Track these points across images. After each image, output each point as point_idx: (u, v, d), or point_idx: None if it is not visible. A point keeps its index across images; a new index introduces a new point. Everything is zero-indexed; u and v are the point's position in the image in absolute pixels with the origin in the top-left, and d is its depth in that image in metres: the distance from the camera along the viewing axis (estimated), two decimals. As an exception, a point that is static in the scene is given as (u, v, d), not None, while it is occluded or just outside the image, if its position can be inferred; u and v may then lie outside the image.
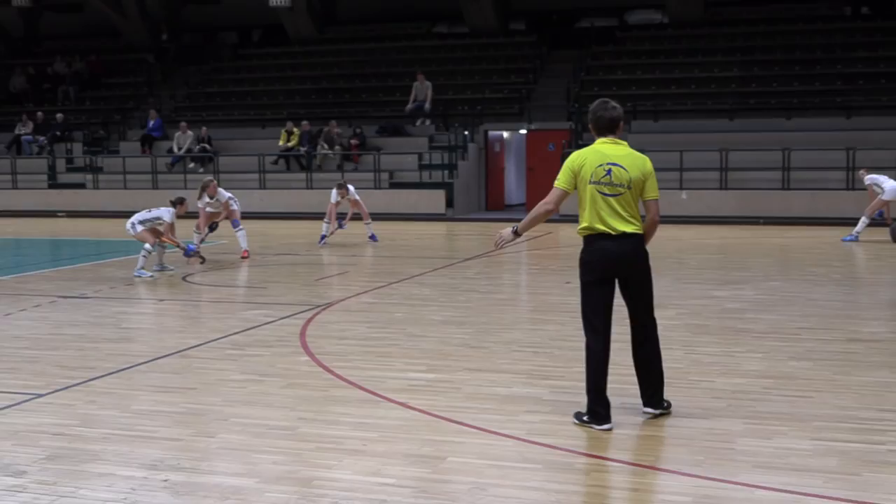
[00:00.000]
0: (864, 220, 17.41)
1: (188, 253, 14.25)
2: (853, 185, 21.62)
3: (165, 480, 5.25)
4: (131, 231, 13.73)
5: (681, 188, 22.20)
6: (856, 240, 17.05)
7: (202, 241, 15.03)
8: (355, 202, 18.03)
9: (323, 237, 17.64)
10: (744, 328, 9.38)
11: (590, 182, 6.02)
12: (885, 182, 17.33)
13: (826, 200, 21.80)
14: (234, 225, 15.28)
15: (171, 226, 13.82)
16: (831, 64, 26.33)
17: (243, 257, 15.20)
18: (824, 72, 26.09)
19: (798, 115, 24.77)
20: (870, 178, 17.77)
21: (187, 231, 15.10)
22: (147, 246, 13.57)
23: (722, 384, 7.20)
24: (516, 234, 6.33)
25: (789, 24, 28.12)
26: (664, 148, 22.13)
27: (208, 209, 15.26)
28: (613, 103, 6.23)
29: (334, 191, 17.87)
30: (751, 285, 12.31)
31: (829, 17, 28.70)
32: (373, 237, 18.03)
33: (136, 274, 13.35)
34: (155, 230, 13.73)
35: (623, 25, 31.48)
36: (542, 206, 6.19)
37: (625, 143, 6.19)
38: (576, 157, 6.15)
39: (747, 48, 27.53)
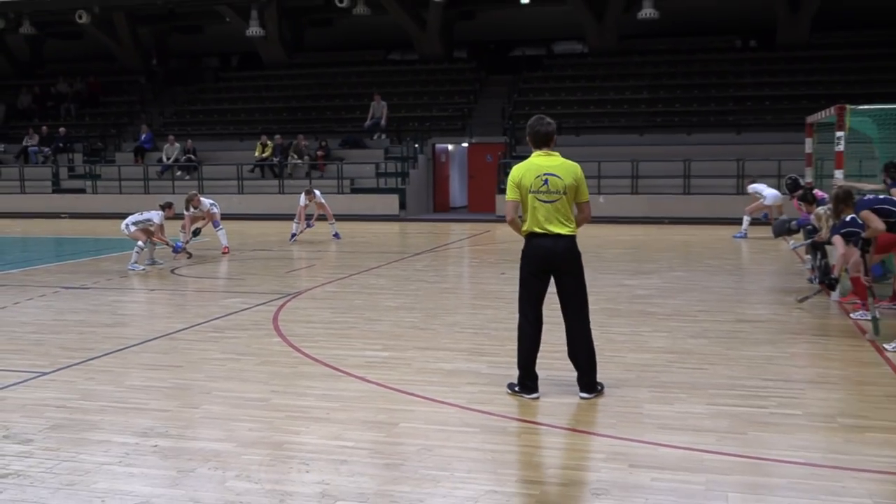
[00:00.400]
0: (746, 219, 17.67)
1: (176, 250, 14.13)
2: (742, 190, 21.95)
3: (155, 446, 5.19)
4: (125, 231, 13.58)
5: (599, 193, 22.34)
6: (744, 237, 17.31)
7: (187, 241, 14.87)
8: (321, 205, 17.90)
9: (293, 235, 17.50)
10: (651, 311, 9.48)
11: (530, 192, 6.01)
12: (766, 190, 17.68)
13: (720, 204, 22.07)
14: (215, 225, 15.22)
15: (161, 227, 13.68)
16: (724, 88, 26.67)
17: (223, 253, 15.12)
18: (719, 94, 26.43)
19: (697, 131, 25.07)
20: (752, 187, 18.13)
21: (175, 231, 14.91)
22: (139, 244, 13.45)
23: (631, 359, 7.27)
24: None
25: (690, 55, 28.42)
26: (584, 159, 22.04)
27: (194, 214, 15.20)
28: (548, 119, 6.20)
29: (303, 195, 17.73)
30: (657, 275, 12.44)
31: (722, 49, 29.05)
32: (336, 235, 17.92)
33: (129, 268, 13.19)
34: (146, 230, 13.57)
35: (550, 54, 31.58)
36: (509, 224, 6.21)
37: (557, 153, 6.14)
38: (516, 172, 6.12)
39: (655, 74, 27.79)
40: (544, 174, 6.01)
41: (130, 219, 13.62)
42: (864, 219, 8.24)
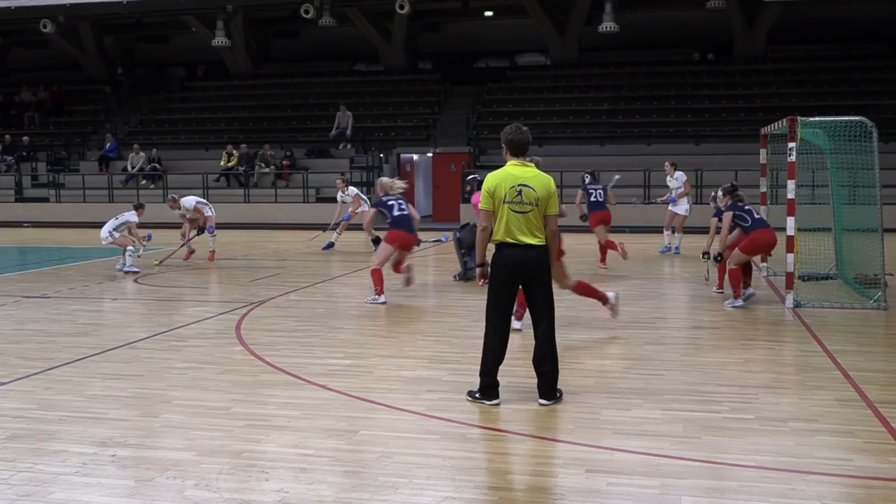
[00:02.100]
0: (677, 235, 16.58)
1: (148, 238, 14.30)
2: (702, 200, 22.16)
3: (113, 455, 5.12)
4: (108, 240, 13.64)
5: (560, 203, 22.39)
6: (677, 252, 16.46)
7: (190, 239, 15.21)
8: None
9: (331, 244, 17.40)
10: (609, 319, 9.52)
11: (504, 201, 5.99)
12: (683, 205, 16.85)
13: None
14: (209, 231, 15.20)
15: (135, 224, 13.84)
16: (683, 100, 26.98)
17: (210, 259, 15.19)
18: (677, 106, 26.72)
19: (656, 141, 25.32)
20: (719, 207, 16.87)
21: (158, 240, 14.76)
22: (130, 248, 13.69)
23: (590, 365, 7.31)
24: (481, 264, 6.28)
25: (649, 67, 28.71)
26: (547, 169, 22.10)
27: (187, 215, 15.27)
28: (525, 128, 6.17)
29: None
30: (617, 283, 12.51)
31: (681, 62, 29.38)
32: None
33: (126, 269, 13.51)
34: (129, 233, 13.77)
35: (513, 66, 31.72)
36: (480, 233, 6.16)
37: (532, 164, 6.15)
38: (491, 180, 6.07)
39: (615, 86, 28.03)
40: (519, 185, 5.99)
41: (108, 227, 13.65)
42: (724, 220, 10.17)
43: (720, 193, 10.93)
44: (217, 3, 27.12)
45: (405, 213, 10.98)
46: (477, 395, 6.17)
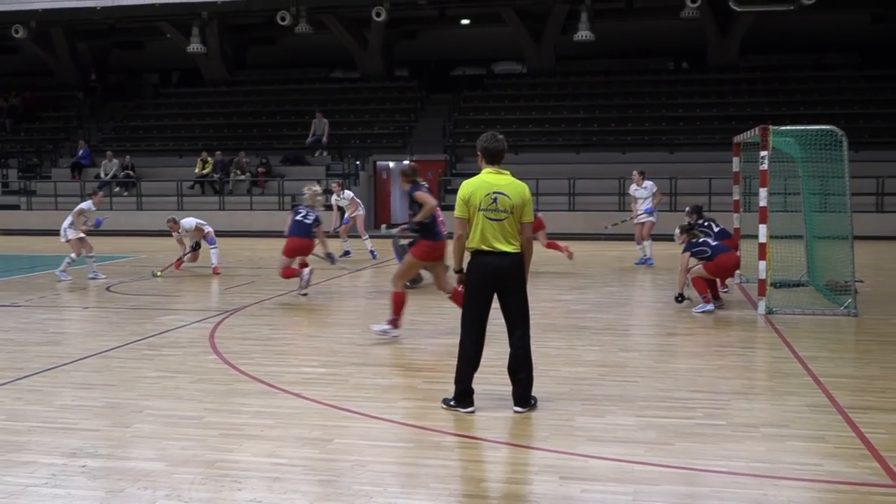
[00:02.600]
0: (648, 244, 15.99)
1: (97, 225, 14.32)
2: (676, 207, 22.35)
3: (83, 466, 5.07)
4: (63, 238, 13.83)
5: (537, 210, 22.46)
6: (650, 264, 15.81)
7: (186, 253, 15.09)
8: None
9: (373, 252, 17.19)
10: (585, 325, 9.57)
11: (479, 209, 6.00)
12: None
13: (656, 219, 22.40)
14: (210, 242, 14.98)
15: (85, 211, 13.92)
16: (658, 108, 27.18)
17: (214, 273, 14.64)
18: (652, 115, 26.91)
19: (631, 149, 25.49)
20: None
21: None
22: (72, 255, 13.71)
23: (565, 372, 7.33)
24: (458, 271, 6.27)
25: (624, 76, 28.93)
26: (523, 177, 21.71)
27: (185, 239, 15.19)
28: (500, 136, 6.18)
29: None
30: (592, 290, 12.58)
31: (656, 71, 29.64)
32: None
33: (57, 273, 13.54)
34: (78, 242, 13.75)
35: (490, 74, 31.84)
36: (455, 241, 6.16)
37: (507, 172, 6.15)
38: (466, 188, 6.08)
39: (591, 94, 28.20)
40: (494, 192, 6.00)
41: (66, 222, 13.86)
42: (681, 260, 10.65)
43: (678, 231, 11.09)
44: (192, 10, 27.01)
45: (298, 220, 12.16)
46: (452, 403, 6.17)
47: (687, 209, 12.00)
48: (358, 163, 26.35)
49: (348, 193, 18.23)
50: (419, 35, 31.14)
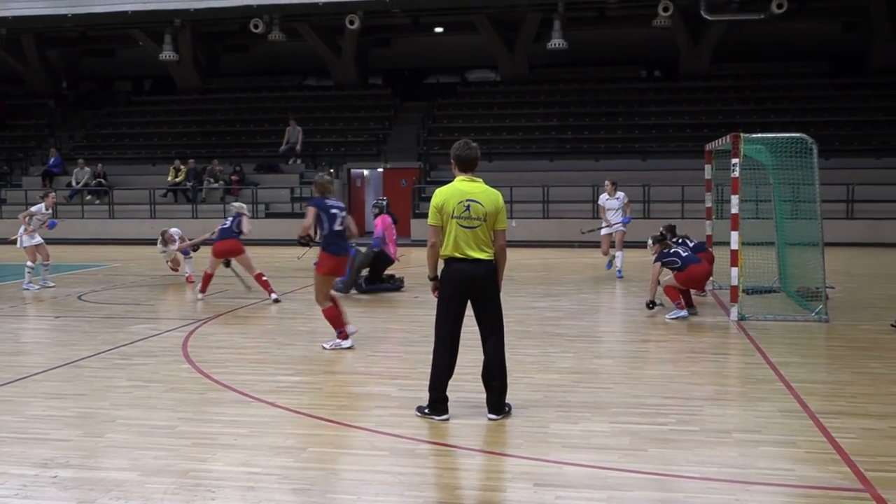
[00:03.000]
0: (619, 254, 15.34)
1: (51, 227, 14.28)
2: (650, 214, 22.54)
3: (55, 477, 5.02)
4: (19, 245, 13.93)
5: (511, 217, 22.55)
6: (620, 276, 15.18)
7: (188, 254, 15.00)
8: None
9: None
10: (559, 332, 9.61)
11: (452, 217, 6.00)
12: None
13: (627, 227, 22.52)
14: (185, 253, 14.91)
15: (35, 214, 13.94)
16: (630, 116, 27.39)
17: (188, 281, 14.59)
18: (625, 122, 27.11)
19: (605, 157, 25.63)
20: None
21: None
22: (28, 263, 13.72)
23: (539, 379, 7.35)
24: (433, 279, 6.25)
25: (597, 84, 29.11)
26: (496, 184, 21.84)
27: (177, 249, 14.97)
28: (473, 144, 6.20)
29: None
30: (566, 297, 12.63)
31: (628, 79, 29.86)
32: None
33: (24, 287, 13.45)
34: (37, 247, 13.81)
35: (463, 82, 31.92)
36: (429, 249, 6.15)
37: (480, 180, 6.16)
38: (439, 196, 6.09)
39: (564, 102, 28.36)
40: (467, 200, 6.01)
41: (20, 229, 13.90)
42: (653, 270, 10.74)
43: (650, 242, 11.15)
44: (164, 17, 26.84)
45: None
46: (426, 411, 6.17)
47: (652, 236, 11.74)
48: (332, 170, 26.27)
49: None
50: (393, 43, 31.17)
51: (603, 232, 15.52)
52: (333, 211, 8.72)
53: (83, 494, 4.74)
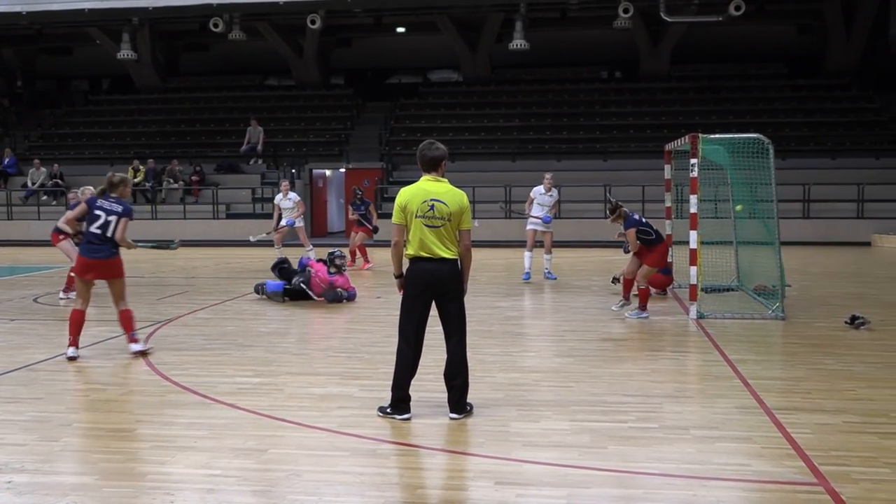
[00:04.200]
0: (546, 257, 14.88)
1: None
2: (606, 216, 22.69)
3: (9, 482, 4.94)
4: None
5: (474, 217, 22.57)
6: (552, 277, 14.79)
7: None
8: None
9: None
10: (520, 332, 9.66)
11: (416, 216, 6.02)
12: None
13: (589, 227, 22.75)
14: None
15: None
16: (592, 117, 27.59)
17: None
18: (586, 123, 27.31)
19: (566, 157, 25.82)
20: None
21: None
22: None
23: (501, 378, 7.38)
24: (398, 276, 6.24)
25: (559, 85, 29.31)
26: (459, 184, 21.88)
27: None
28: (438, 144, 6.22)
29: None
30: (527, 297, 12.70)
31: (589, 80, 30.10)
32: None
33: None
34: None
35: (426, 82, 31.96)
36: (393, 247, 6.14)
37: (445, 180, 6.18)
38: (403, 195, 6.09)
39: (526, 103, 28.50)
40: (431, 200, 6.03)
41: None
42: (629, 236, 10.69)
43: (608, 213, 11.02)
44: (122, 15, 26.53)
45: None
46: (388, 410, 6.17)
47: (612, 200, 11.64)
48: (294, 171, 26.16)
49: (294, 195, 17.43)
50: (355, 43, 31.10)
51: (529, 227, 14.87)
52: (97, 212, 8.53)
53: (39, 500, 4.68)
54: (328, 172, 28.38)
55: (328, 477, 4.99)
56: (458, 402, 6.18)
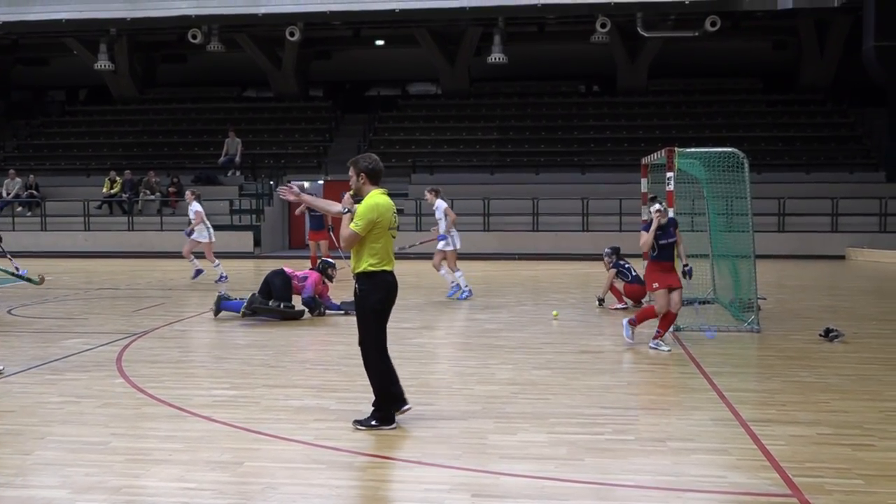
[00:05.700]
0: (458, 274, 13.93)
1: None
2: (588, 227, 22.85)
3: (-20, 496, 4.87)
4: None
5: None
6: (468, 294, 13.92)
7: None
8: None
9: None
10: (498, 344, 9.65)
11: (389, 229, 6.16)
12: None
13: (566, 240, 22.87)
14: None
15: None
16: (570, 130, 27.73)
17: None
18: (564, 136, 27.44)
19: (544, 170, 25.93)
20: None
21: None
22: None
23: (479, 391, 7.38)
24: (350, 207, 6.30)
25: (537, 98, 29.43)
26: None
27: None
28: (374, 155, 6.44)
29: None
30: (506, 309, 12.70)
31: (568, 93, 30.24)
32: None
33: None
34: None
35: (405, 95, 32.00)
36: (346, 241, 6.17)
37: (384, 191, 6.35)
38: (376, 210, 6.12)
39: (504, 116, 28.59)
40: (394, 212, 6.23)
41: None
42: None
43: (608, 251, 12.97)
44: (100, 26, 26.39)
45: None
46: (374, 423, 6.18)
47: (606, 250, 13.06)
48: (272, 182, 26.08)
49: (195, 206, 17.02)
50: (334, 55, 31.10)
51: (438, 246, 13.78)
52: None
53: (10, 513, 4.62)
54: (307, 184, 28.29)
55: (304, 490, 4.96)
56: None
